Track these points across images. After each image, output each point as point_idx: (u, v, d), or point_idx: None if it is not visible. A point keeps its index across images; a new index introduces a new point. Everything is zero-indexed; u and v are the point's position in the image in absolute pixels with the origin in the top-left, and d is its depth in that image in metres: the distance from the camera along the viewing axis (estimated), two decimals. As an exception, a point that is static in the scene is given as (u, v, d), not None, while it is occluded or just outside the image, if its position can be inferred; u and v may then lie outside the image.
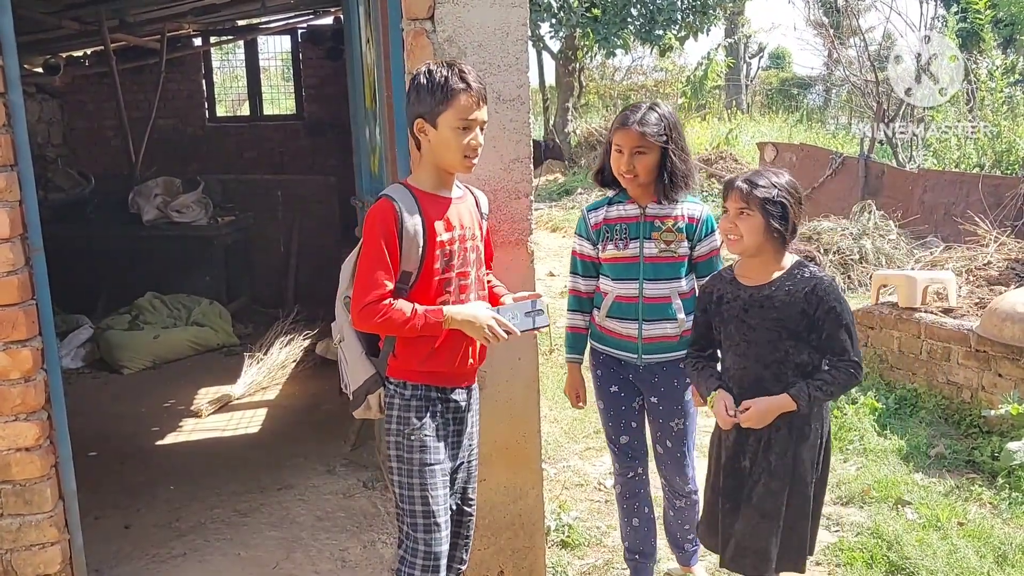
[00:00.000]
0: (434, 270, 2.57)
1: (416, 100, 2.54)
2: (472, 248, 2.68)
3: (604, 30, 15.85)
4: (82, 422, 5.17)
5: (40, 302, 2.96)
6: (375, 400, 2.69)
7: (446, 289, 2.61)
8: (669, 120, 3.07)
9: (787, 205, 2.68)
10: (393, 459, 2.64)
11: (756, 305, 2.75)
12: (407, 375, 2.63)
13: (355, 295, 2.53)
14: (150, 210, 7.58)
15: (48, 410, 3.00)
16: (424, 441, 2.61)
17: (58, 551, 3.06)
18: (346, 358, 2.74)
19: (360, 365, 2.69)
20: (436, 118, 2.51)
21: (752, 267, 2.80)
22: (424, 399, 2.63)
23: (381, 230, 2.50)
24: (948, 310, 5.46)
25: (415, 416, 2.61)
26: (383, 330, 2.58)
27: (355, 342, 2.69)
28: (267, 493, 4.33)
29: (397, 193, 2.56)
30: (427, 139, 2.54)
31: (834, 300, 2.68)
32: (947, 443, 4.76)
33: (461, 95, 2.50)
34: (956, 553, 3.64)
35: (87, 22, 7.10)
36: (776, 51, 29.39)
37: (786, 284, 2.72)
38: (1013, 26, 16.90)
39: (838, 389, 2.73)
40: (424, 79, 2.52)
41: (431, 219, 2.55)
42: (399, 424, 2.63)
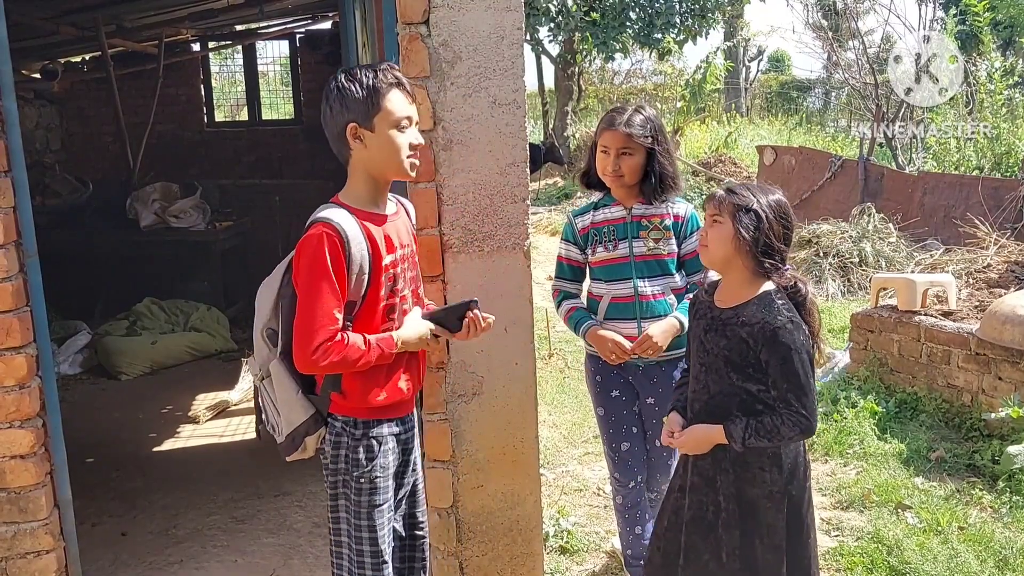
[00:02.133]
0: (379, 297, 2.40)
1: (341, 107, 2.35)
2: (411, 266, 2.55)
3: (603, 34, 15.84)
4: (79, 428, 5.17)
5: (35, 308, 2.95)
6: (313, 441, 2.47)
7: (389, 316, 2.45)
8: (654, 122, 3.15)
9: (762, 218, 2.47)
10: (340, 498, 2.48)
11: (713, 328, 2.57)
12: (356, 412, 2.45)
13: (301, 335, 2.29)
14: (148, 215, 7.58)
15: (43, 417, 2.99)
16: (375, 483, 2.45)
17: (53, 559, 3.04)
18: (274, 397, 2.49)
19: (296, 405, 2.44)
20: (371, 120, 2.34)
21: (724, 286, 2.62)
22: (375, 437, 2.45)
23: (326, 259, 2.27)
24: (948, 313, 5.44)
25: (365, 457, 2.44)
26: (337, 371, 2.38)
27: (288, 380, 2.43)
28: (264, 499, 4.31)
29: (337, 216, 2.33)
30: (363, 146, 2.36)
31: (780, 344, 2.43)
32: (947, 447, 4.75)
33: (395, 91, 2.36)
34: (957, 558, 3.62)
35: (84, 28, 7.09)
36: (775, 54, 29.38)
37: (743, 313, 2.51)
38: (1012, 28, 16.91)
39: (778, 438, 2.45)
40: (347, 82, 2.35)
41: (375, 241, 2.37)
42: (348, 465, 2.44)
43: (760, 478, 2.52)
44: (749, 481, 2.53)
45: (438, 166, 2.95)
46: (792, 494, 2.55)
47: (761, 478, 2.53)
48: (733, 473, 2.54)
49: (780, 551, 2.53)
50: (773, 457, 2.53)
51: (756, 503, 2.53)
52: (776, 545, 2.53)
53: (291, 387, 2.44)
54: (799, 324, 2.48)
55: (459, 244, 2.99)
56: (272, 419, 2.52)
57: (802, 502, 2.58)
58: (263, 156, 10.28)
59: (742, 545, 2.53)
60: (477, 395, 3.06)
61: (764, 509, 2.53)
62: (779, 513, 2.53)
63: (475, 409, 3.08)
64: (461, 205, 2.97)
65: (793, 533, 2.55)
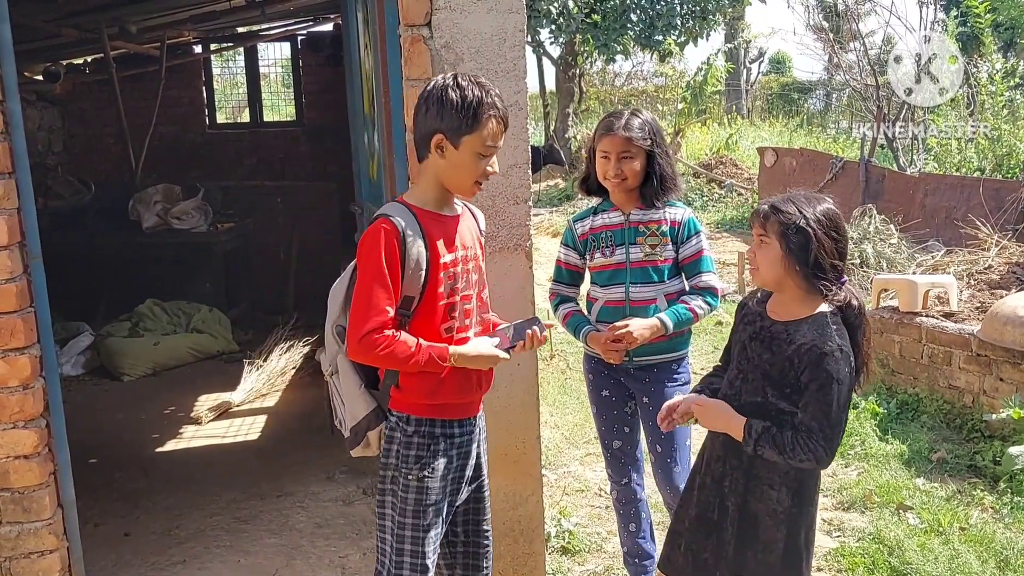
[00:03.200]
0: (438, 295, 2.41)
1: (439, 113, 2.34)
2: (475, 269, 2.54)
3: (604, 36, 15.86)
4: (82, 429, 5.18)
5: (38, 310, 2.96)
6: (375, 436, 2.51)
7: (451, 315, 2.45)
8: (652, 125, 3.17)
9: (810, 236, 2.33)
10: (387, 493, 2.49)
11: (759, 339, 2.49)
12: (411, 408, 2.46)
13: (352, 323, 2.35)
14: (150, 217, 7.59)
15: (46, 418, 3.00)
16: (423, 482, 2.44)
17: (57, 559, 3.05)
18: (340, 392, 2.54)
19: (359, 399, 2.50)
20: (460, 138, 2.34)
21: (778, 299, 2.52)
22: (428, 436, 2.45)
23: (381, 253, 2.32)
24: (949, 314, 5.45)
25: (415, 455, 2.44)
26: (383, 363, 2.41)
27: (352, 374, 2.49)
28: (267, 500, 4.32)
29: (397, 213, 2.38)
30: (441, 157, 2.36)
31: (821, 371, 2.32)
32: (949, 448, 4.75)
33: (492, 120, 2.35)
34: (958, 558, 3.62)
35: (87, 30, 7.11)
36: (776, 56, 29.43)
37: (794, 332, 2.41)
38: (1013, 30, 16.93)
39: (789, 457, 2.35)
40: (454, 94, 2.33)
41: (434, 240, 2.39)
42: (399, 461, 2.45)
43: (767, 495, 2.48)
44: (755, 495, 2.49)
45: (440, 167, 2.95)
46: (795, 518, 2.49)
47: (768, 495, 2.48)
48: (742, 484, 2.50)
49: (774, 569, 2.48)
50: (784, 477, 2.46)
51: (758, 518, 2.49)
52: (770, 563, 2.48)
53: (355, 381, 2.49)
54: (848, 355, 2.37)
55: (461, 245, 2.99)
56: (340, 413, 2.57)
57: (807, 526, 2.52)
58: (265, 158, 10.29)
59: (735, 556, 2.51)
60: (479, 396, 3.07)
61: (765, 526, 2.48)
62: (778, 532, 2.48)
63: (477, 410, 3.08)
64: (463, 206, 2.98)
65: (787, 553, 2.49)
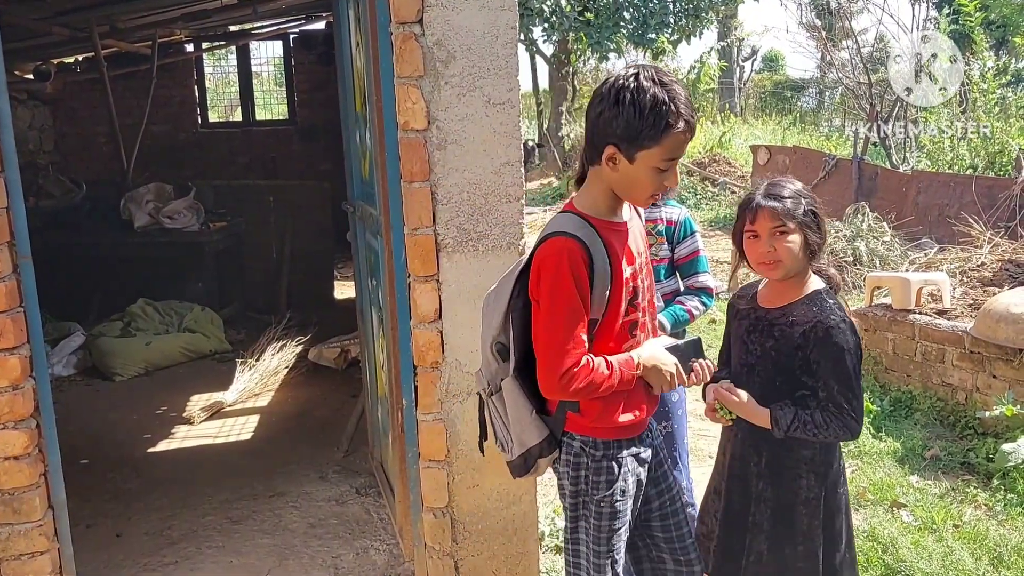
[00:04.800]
0: (619, 313, 2.21)
1: (615, 119, 2.06)
2: (647, 275, 2.34)
3: (597, 34, 15.86)
4: (74, 430, 5.17)
5: (28, 309, 2.94)
6: (546, 463, 2.34)
7: (631, 333, 2.27)
8: None
9: (819, 216, 2.44)
10: (580, 519, 2.33)
11: (758, 329, 2.51)
12: (595, 432, 2.28)
13: (548, 360, 2.13)
14: (142, 216, 7.55)
15: (37, 418, 2.98)
16: (615, 507, 2.29)
17: (48, 560, 3.03)
18: (504, 415, 2.34)
19: (532, 426, 2.28)
20: (636, 152, 2.08)
21: (771, 287, 2.54)
22: (616, 459, 2.29)
23: (570, 277, 2.09)
24: (942, 312, 5.45)
25: (606, 480, 2.27)
26: (580, 397, 2.21)
27: (522, 399, 2.27)
28: (259, 500, 4.30)
29: (577, 228, 2.14)
30: (614, 169, 2.12)
31: (833, 345, 2.38)
32: (942, 445, 4.76)
33: (677, 133, 2.07)
34: (951, 555, 3.63)
35: (78, 28, 7.07)
36: (769, 54, 29.44)
37: (793, 313, 2.45)
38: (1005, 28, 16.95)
39: (823, 435, 2.40)
40: (633, 98, 2.04)
41: (615, 254, 2.17)
42: (589, 487, 2.29)
43: (797, 484, 2.49)
44: (786, 487, 2.50)
45: (432, 165, 2.94)
46: (829, 503, 2.51)
47: (798, 484, 2.49)
48: (770, 479, 2.51)
49: (815, 558, 2.49)
50: (810, 464, 2.49)
51: (793, 509, 2.50)
52: (811, 552, 2.49)
53: (525, 407, 2.28)
54: (851, 324, 2.42)
55: (453, 244, 2.99)
56: (501, 436, 2.38)
57: (838, 509, 2.54)
58: (257, 156, 10.29)
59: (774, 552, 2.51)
60: (472, 395, 3.06)
61: (800, 516, 2.49)
62: (815, 520, 2.49)
63: (470, 409, 3.08)
64: (455, 204, 2.97)
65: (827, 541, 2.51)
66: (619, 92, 2.06)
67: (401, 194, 2.99)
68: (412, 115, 2.90)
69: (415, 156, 2.93)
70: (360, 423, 4.84)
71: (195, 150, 10.23)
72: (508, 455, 2.36)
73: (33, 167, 8.37)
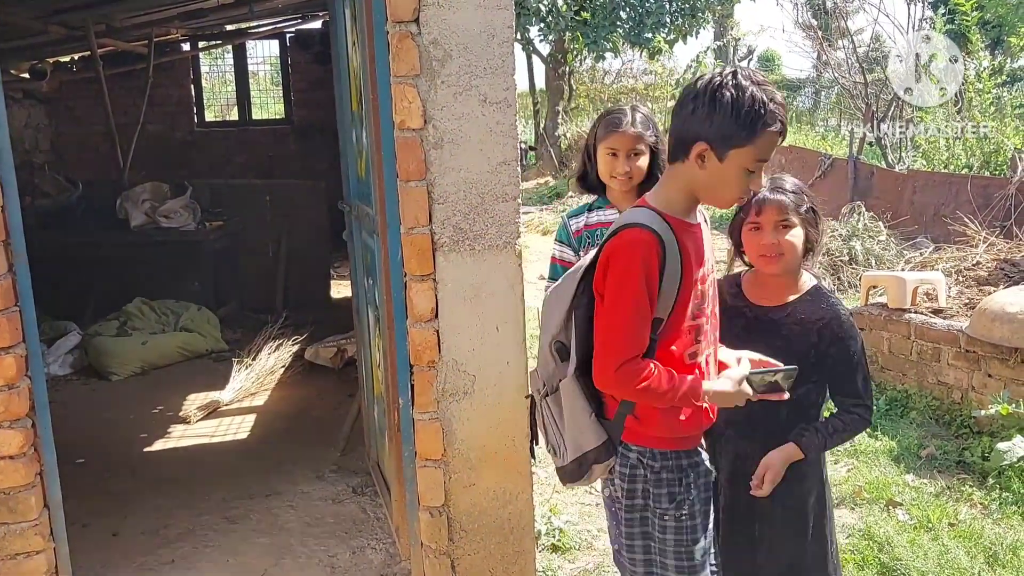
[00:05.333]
0: (685, 316, 2.13)
1: (708, 117, 2.01)
2: (712, 283, 2.26)
3: (593, 33, 15.89)
4: (70, 429, 5.14)
5: (24, 308, 2.93)
6: (601, 470, 2.23)
7: (697, 338, 2.17)
8: (652, 120, 3.12)
9: (818, 212, 2.47)
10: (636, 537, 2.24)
11: (758, 328, 2.46)
12: (653, 442, 2.19)
13: (607, 350, 2.06)
14: (138, 215, 7.55)
15: (32, 417, 2.97)
16: (682, 522, 2.18)
17: (43, 560, 3.03)
18: (558, 417, 2.24)
19: (590, 429, 2.18)
20: (728, 151, 2.01)
21: (767, 284, 2.52)
22: (676, 470, 2.19)
23: (643, 270, 2.02)
24: (938, 311, 5.46)
25: (667, 492, 2.18)
26: (637, 397, 2.12)
27: (581, 400, 2.18)
28: (256, 499, 4.30)
29: (653, 222, 2.07)
30: (700, 168, 2.05)
31: (850, 338, 2.42)
32: (938, 444, 4.77)
33: (772, 133, 2.02)
34: (947, 554, 3.63)
35: (74, 27, 7.06)
36: (765, 54, 29.48)
37: (799, 311, 2.45)
38: (1000, 28, 16.99)
39: (848, 436, 2.48)
40: (731, 96, 1.99)
41: (687, 253, 2.10)
42: (648, 501, 2.20)
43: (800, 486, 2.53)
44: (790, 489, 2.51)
45: (429, 165, 2.94)
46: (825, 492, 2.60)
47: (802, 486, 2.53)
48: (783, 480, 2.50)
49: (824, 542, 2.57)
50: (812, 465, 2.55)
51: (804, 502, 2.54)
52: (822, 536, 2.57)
53: (584, 409, 2.19)
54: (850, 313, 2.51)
55: (450, 243, 2.99)
56: (554, 439, 2.27)
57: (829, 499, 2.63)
58: (254, 156, 10.28)
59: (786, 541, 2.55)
60: (468, 394, 3.06)
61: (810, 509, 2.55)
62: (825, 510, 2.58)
63: (467, 408, 3.08)
64: (452, 204, 2.97)
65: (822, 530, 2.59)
66: (717, 90, 2.00)
67: (397, 193, 2.99)
68: (408, 114, 2.90)
69: (411, 155, 2.93)
70: (356, 422, 4.84)
71: (191, 149, 10.22)
72: (560, 460, 2.26)
73: (29, 166, 8.35)
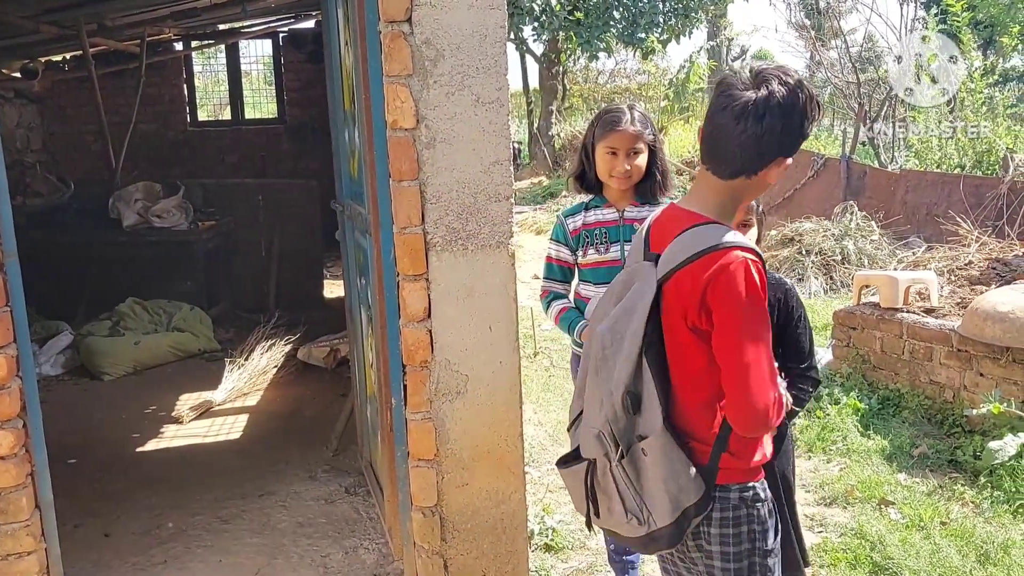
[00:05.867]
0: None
1: (784, 129, 1.90)
2: None
3: (587, 33, 15.90)
4: (62, 429, 5.14)
5: (15, 309, 2.93)
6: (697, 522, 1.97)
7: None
8: (648, 119, 3.11)
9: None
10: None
11: None
12: (744, 475, 1.99)
13: (752, 390, 1.85)
14: (130, 215, 7.53)
15: (23, 418, 2.97)
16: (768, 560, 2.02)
17: (35, 560, 3.02)
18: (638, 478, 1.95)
19: (690, 483, 1.92)
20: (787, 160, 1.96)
21: None
22: (764, 498, 2.02)
23: (761, 295, 1.87)
24: (930, 310, 5.48)
25: (761, 529, 1.99)
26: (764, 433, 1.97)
27: (678, 452, 1.92)
28: (248, 500, 4.29)
29: (748, 242, 1.94)
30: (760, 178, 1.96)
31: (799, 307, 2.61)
32: (930, 443, 4.78)
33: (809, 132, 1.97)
34: (939, 553, 3.64)
35: (65, 26, 7.04)
36: (758, 53, 29.42)
37: None
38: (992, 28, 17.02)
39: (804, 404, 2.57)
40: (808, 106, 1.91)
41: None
42: (757, 541, 1.99)
43: None
44: None
45: (421, 164, 2.94)
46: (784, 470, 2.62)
47: None
48: None
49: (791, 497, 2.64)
50: None
51: None
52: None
53: (684, 461, 1.92)
54: None
55: (443, 243, 2.99)
56: (632, 505, 1.97)
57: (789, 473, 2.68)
58: (246, 155, 10.27)
59: None
60: (461, 394, 3.06)
61: None
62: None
63: (460, 407, 3.08)
64: (445, 203, 2.97)
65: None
66: (798, 95, 1.90)
67: (390, 193, 2.99)
68: (401, 114, 2.90)
69: (404, 155, 2.92)
70: (349, 422, 4.83)
71: (184, 149, 10.20)
72: (645, 527, 1.95)
73: (20, 166, 8.32)
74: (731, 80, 1.93)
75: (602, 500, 2.02)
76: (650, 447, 1.92)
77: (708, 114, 1.95)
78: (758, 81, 1.90)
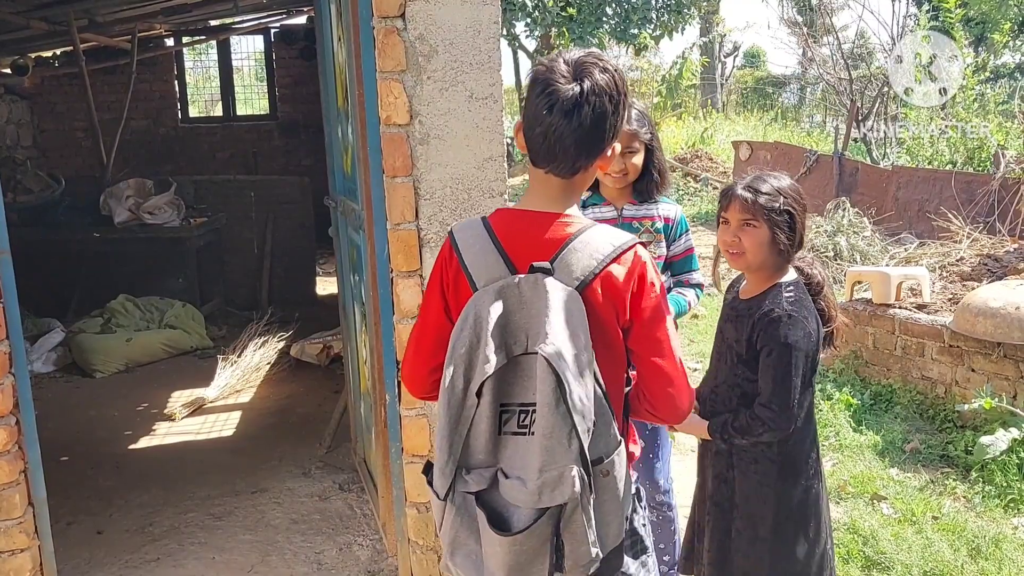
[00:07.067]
0: None
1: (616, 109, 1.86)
2: None
3: (579, 29, 15.87)
4: (54, 427, 5.13)
5: (7, 305, 2.92)
6: None
7: None
8: (647, 116, 3.08)
9: (795, 214, 2.42)
10: None
11: (730, 319, 2.55)
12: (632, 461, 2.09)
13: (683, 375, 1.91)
14: (122, 212, 7.50)
15: (16, 415, 2.96)
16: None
17: (28, 558, 3.01)
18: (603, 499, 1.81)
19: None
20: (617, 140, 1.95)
21: (749, 280, 2.55)
22: None
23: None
24: (922, 306, 5.49)
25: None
26: None
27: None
28: (242, 496, 4.29)
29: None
30: (598, 167, 1.94)
31: (773, 339, 2.38)
32: (922, 438, 4.79)
33: None
34: (931, 547, 3.66)
35: (56, 22, 7.01)
36: (751, 50, 29.53)
37: (756, 304, 2.46)
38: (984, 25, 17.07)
39: (751, 436, 2.43)
40: (620, 76, 1.89)
41: None
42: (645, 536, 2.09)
43: (752, 469, 2.50)
44: (742, 473, 2.52)
45: (415, 160, 2.94)
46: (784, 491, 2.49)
47: (753, 469, 2.50)
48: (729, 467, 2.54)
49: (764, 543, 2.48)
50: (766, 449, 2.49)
51: (748, 495, 2.51)
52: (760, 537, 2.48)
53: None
54: (799, 320, 2.38)
55: (436, 239, 2.98)
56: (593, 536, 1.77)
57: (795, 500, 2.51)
58: (238, 152, 10.25)
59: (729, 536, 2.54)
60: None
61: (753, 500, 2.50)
62: (765, 507, 2.49)
63: (453, 404, 3.07)
64: (438, 199, 2.97)
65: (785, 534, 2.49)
66: (618, 86, 1.84)
67: (383, 189, 2.98)
68: (394, 110, 2.90)
69: (397, 151, 2.92)
70: (343, 419, 4.83)
71: (175, 145, 10.17)
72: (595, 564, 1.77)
73: (11, 162, 8.29)
74: (548, 76, 1.81)
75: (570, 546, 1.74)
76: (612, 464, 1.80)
77: (531, 115, 1.83)
78: (578, 72, 1.80)
